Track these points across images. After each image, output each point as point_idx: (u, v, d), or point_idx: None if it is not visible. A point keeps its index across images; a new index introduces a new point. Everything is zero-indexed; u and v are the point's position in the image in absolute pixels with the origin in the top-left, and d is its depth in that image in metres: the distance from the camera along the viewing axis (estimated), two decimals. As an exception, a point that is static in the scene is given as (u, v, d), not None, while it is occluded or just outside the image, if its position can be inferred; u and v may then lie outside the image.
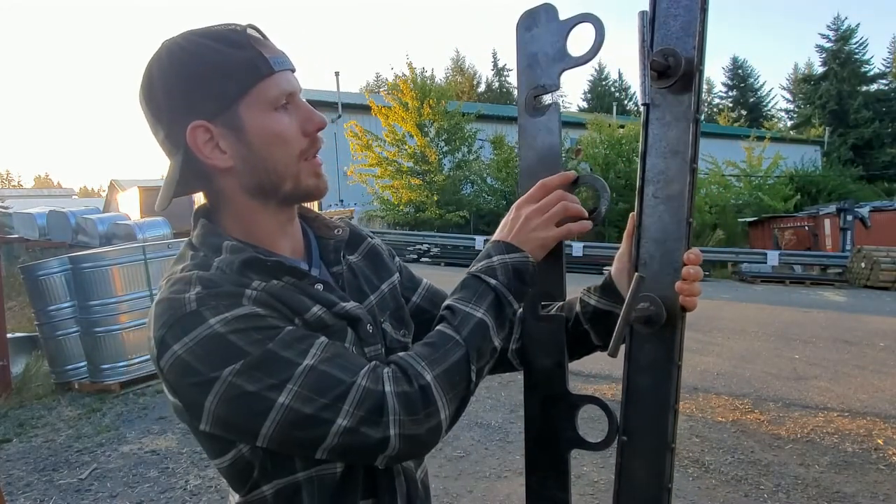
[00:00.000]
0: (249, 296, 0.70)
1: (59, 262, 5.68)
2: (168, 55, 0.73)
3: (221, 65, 0.72)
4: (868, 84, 38.71)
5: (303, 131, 0.77)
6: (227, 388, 0.65)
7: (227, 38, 0.73)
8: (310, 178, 0.79)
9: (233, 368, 0.65)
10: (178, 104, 0.73)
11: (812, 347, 6.70)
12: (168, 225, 14.29)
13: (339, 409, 0.66)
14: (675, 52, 0.74)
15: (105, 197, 28.17)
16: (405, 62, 29.14)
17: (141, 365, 5.50)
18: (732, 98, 47.21)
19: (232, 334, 0.66)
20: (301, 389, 0.66)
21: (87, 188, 78.49)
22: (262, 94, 0.73)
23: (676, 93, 0.76)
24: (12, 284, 8.66)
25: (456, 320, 0.76)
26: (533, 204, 0.84)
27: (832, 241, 16.79)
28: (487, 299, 0.78)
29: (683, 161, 0.76)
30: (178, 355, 0.67)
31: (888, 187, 29.95)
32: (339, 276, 0.86)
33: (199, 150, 0.74)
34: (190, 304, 0.68)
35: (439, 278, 1.36)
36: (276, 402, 0.65)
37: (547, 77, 0.88)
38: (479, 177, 19.69)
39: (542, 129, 0.90)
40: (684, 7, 0.75)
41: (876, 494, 3.22)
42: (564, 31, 0.86)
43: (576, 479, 3.40)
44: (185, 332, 0.67)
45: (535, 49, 0.89)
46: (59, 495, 3.45)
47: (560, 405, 0.89)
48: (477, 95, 48.01)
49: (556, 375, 0.90)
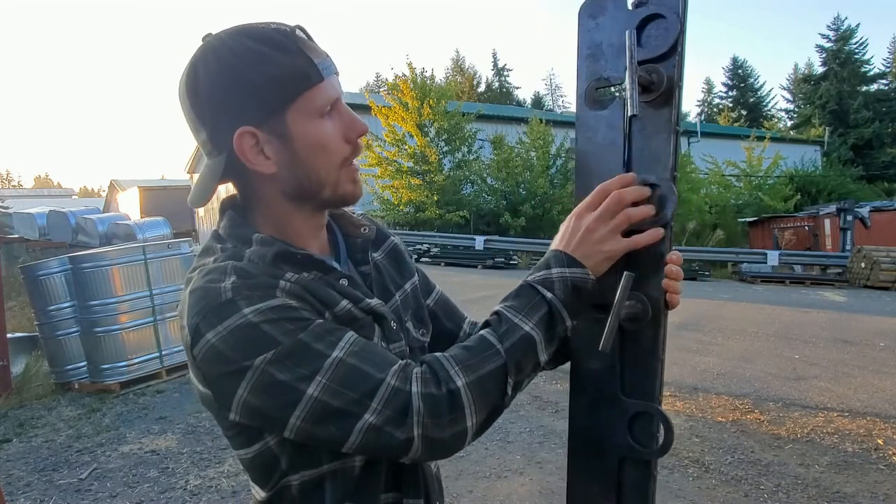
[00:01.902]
0: (283, 287, 0.71)
1: (59, 262, 5.68)
2: (216, 57, 0.72)
3: (272, 72, 0.71)
4: (868, 84, 38.74)
5: (345, 138, 0.77)
6: (258, 377, 0.66)
7: (276, 41, 0.72)
8: (347, 184, 0.79)
9: (265, 357, 0.66)
10: (224, 109, 0.73)
11: (812, 347, 6.70)
12: (168, 225, 14.31)
13: (366, 406, 0.66)
14: (657, 69, 0.79)
15: (105, 197, 28.19)
16: (405, 62, 29.18)
17: (141, 365, 5.51)
18: (732, 98, 47.22)
19: (265, 324, 0.66)
20: (330, 382, 0.66)
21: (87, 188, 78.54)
22: (310, 102, 0.73)
23: (658, 106, 0.81)
24: (12, 284, 8.66)
25: (501, 329, 0.73)
26: (592, 211, 0.78)
27: (832, 241, 16.80)
28: (540, 312, 0.74)
29: (665, 169, 0.80)
30: (212, 344, 0.67)
31: (888, 187, 29.97)
32: (366, 276, 0.87)
33: (244, 155, 0.74)
34: (225, 293, 0.68)
35: (439, 278, 1.36)
36: (305, 394, 0.66)
37: (612, 69, 0.84)
38: (479, 177, 19.69)
39: (603, 123, 0.85)
40: (664, 28, 0.80)
41: (876, 494, 3.22)
42: (634, 23, 0.82)
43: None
44: (219, 321, 0.67)
45: (600, 38, 0.85)
46: (59, 495, 3.45)
47: (611, 410, 0.84)
48: (477, 95, 48.05)
49: (608, 378, 0.85)
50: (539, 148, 19.69)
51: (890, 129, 36.52)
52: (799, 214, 19.95)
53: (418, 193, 18.02)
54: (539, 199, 18.87)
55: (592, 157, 0.86)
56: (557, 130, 21.32)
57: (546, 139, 19.83)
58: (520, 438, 4.04)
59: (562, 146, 20.49)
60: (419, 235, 16.78)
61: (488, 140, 19.98)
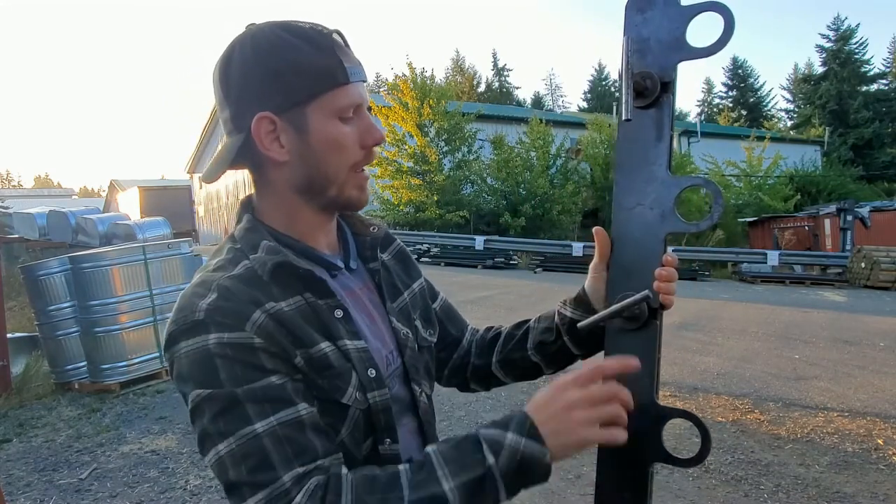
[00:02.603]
0: (256, 320, 0.71)
1: (59, 262, 5.67)
2: (252, 42, 0.75)
3: (300, 64, 0.73)
4: (868, 84, 38.74)
5: (361, 143, 0.79)
6: (195, 406, 0.70)
7: (312, 38, 0.75)
8: (353, 189, 0.81)
9: (203, 392, 0.69)
10: (250, 91, 0.75)
11: (812, 347, 6.70)
12: (168, 225, 14.32)
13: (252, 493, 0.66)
14: (652, 74, 0.81)
15: (105, 197, 28.20)
16: (405, 62, 29.18)
17: (141, 365, 5.51)
18: (732, 98, 47.24)
19: (219, 358, 0.69)
20: (238, 450, 0.67)
21: (87, 188, 78.55)
22: (332, 102, 0.75)
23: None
24: (12, 284, 8.66)
25: (420, 476, 0.67)
26: (580, 390, 0.70)
27: (832, 241, 16.80)
28: (470, 475, 0.66)
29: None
30: (179, 356, 0.71)
31: (888, 187, 29.95)
32: (375, 273, 0.89)
33: (260, 139, 0.75)
34: (199, 313, 0.71)
35: (439, 278, 1.36)
36: (216, 446, 0.68)
37: (659, 66, 0.82)
38: (479, 177, 19.70)
39: (648, 122, 0.83)
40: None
41: (876, 494, 3.22)
42: (685, 18, 0.80)
43: (575, 478, 3.40)
44: (187, 338, 0.71)
45: (648, 34, 0.83)
46: (59, 495, 3.45)
47: (645, 416, 0.81)
48: (477, 95, 48.04)
49: (644, 384, 0.82)
50: (539, 148, 19.70)
51: (890, 129, 36.52)
52: (799, 214, 19.93)
53: (418, 193, 18.02)
54: (539, 199, 18.87)
55: (635, 157, 0.84)
56: (557, 130, 21.33)
57: (546, 139, 19.84)
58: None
59: (562, 146, 20.49)
60: (419, 235, 16.78)
61: (488, 140, 19.99)
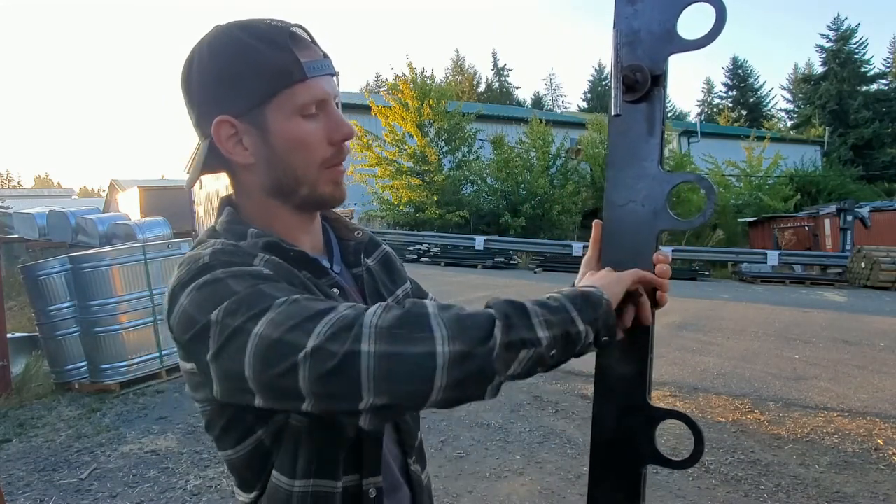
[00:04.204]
0: (262, 258, 0.71)
1: (59, 262, 5.67)
2: (209, 45, 0.74)
3: (255, 64, 0.72)
4: (868, 84, 38.73)
5: (329, 140, 0.77)
6: (218, 332, 0.62)
7: (268, 36, 0.73)
8: (327, 185, 0.79)
9: (221, 308, 0.62)
10: (208, 95, 0.75)
11: (812, 347, 6.70)
12: (168, 225, 14.30)
13: (309, 331, 0.58)
14: (642, 68, 0.79)
15: (105, 197, 28.17)
16: (405, 62, 29.12)
17: (141, 365, 5.51)
18: (732, 98, 47.23)
19: (230, 279, 0.65)
20: (277, 316, 0.60)
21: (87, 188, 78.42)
22: (290, 100, 0.73)
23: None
24: (12, 284, 8.67)
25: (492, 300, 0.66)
26: None
27: (832, 241, 16.80)
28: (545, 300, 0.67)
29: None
30: (183, 307, 0.66)
31: (888, 187, 29.95)
32: (358, 278, 0.87)
33: (221, 143, 0.75)
34: (203, 258, 0.68)
35: (439, 278, 1.35)
36: (251, 332, 0.60)
37: (650, 59, 0.80)
38: (479, 177, 19.68)
39: (639, 117, 0.81)
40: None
41: (876, 494, 3.22)
42: (676, 10, 0.79)
43: (575, 478, 3.40)
44: (192, 281, 0.67)
45: (638, 25, 0.81)
46: (59, 495, 3.45)
47: (638, 417, 0.82)
48: (477, 95, 48.02)
49: (637, 385, 0.83)
50: (539, 148, 19.70)
51: (890, 129, 36.50)
52: (799, 214, 19.94)
53: (418, 193, 18.00)
54: (539, 199, 18.87)
55: (625, 151, 0.83)
56: (557, 130, 21.32)
57: (546, 139, 19.84)
58: (520, 438, 4.04)
59: (562, 146, 20.49)
60: (419, 235, 16.77)
61: (488, 140, 19.98)
